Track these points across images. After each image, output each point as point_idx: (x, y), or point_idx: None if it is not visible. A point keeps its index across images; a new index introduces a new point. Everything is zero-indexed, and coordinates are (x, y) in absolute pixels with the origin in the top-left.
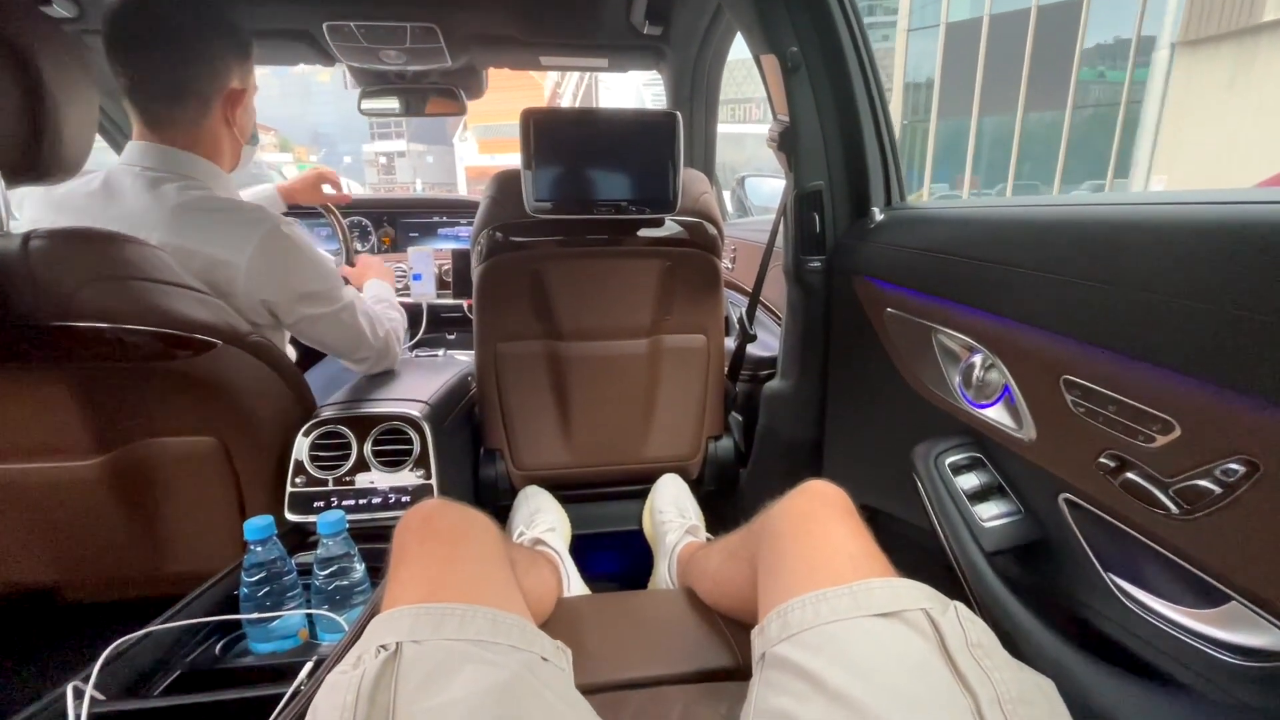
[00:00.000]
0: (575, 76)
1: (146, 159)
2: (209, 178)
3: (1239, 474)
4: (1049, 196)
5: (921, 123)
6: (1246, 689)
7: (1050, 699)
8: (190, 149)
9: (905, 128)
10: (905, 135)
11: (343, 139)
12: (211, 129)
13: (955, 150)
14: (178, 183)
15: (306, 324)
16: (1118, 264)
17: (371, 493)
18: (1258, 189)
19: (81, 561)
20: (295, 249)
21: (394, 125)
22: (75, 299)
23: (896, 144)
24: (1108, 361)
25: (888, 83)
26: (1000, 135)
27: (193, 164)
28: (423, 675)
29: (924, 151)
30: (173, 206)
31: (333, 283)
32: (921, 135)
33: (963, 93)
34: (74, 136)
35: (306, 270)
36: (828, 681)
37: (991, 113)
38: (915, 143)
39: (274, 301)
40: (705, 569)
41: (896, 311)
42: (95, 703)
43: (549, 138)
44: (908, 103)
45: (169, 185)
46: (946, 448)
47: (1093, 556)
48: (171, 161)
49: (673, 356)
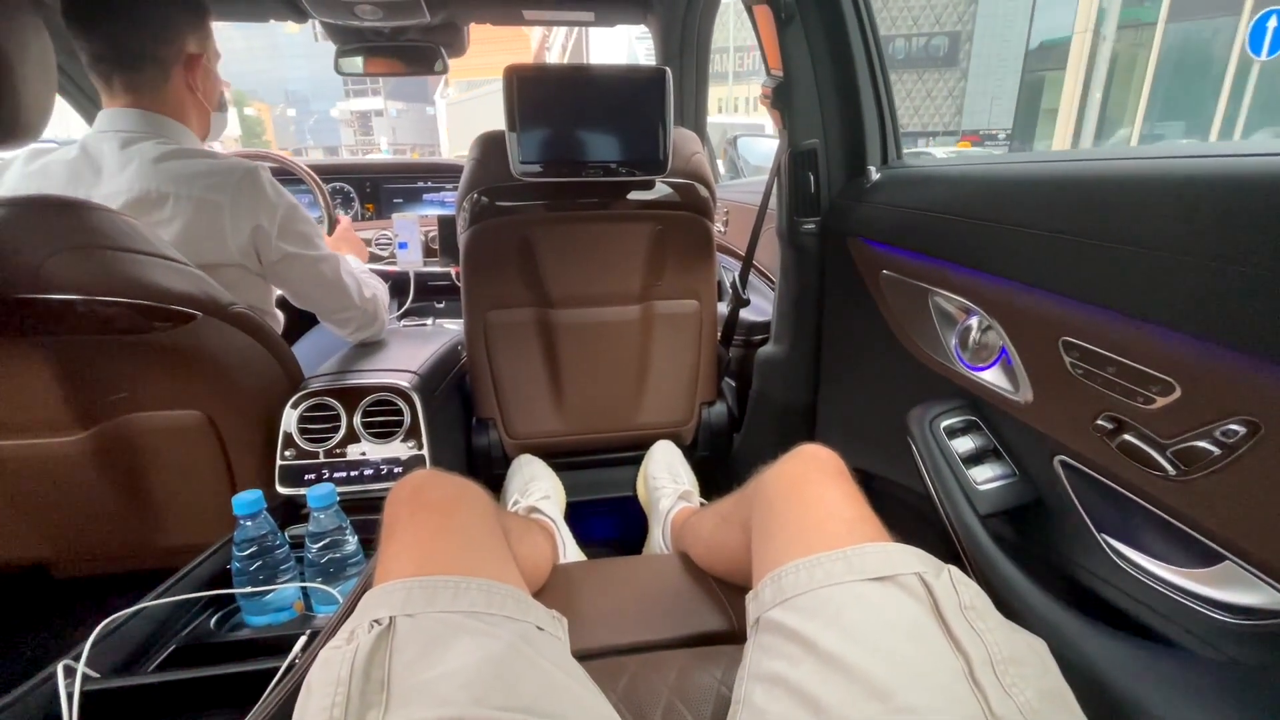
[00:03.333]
0: (563, 29)
1: (118, 123)
2: (181, 136)
3: (1239, 435)
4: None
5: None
6: (1238, 646)
7: (1043, 659)
8: (158, 112)
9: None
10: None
11: (315, 97)
12: (174, 95)
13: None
14: (153, 139)
15: (286, 265)
16: (1118, 221)
17: (363, 464)
18: (1255, 142)
19: (71, 538)
20: (277, 188)
21: (370, 82)
22: (42, 270)
23: (894, 99)
24: (1108, 322)
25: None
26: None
27: (164, 125)
28: (417, 648)
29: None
30: (153, 159)
31: (314, 229)
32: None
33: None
34: (33, 99)
35: (288, 208)
36: (821, 645)
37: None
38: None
39: (262, 229)
40: (699, 534)
41: (892, 274)
42: (88, 680)
43: (534, 97)
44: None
45: (145, 143)
46: (941, 411)
47: (1087, 518)
48: (143, 123)
49: (665, 322)
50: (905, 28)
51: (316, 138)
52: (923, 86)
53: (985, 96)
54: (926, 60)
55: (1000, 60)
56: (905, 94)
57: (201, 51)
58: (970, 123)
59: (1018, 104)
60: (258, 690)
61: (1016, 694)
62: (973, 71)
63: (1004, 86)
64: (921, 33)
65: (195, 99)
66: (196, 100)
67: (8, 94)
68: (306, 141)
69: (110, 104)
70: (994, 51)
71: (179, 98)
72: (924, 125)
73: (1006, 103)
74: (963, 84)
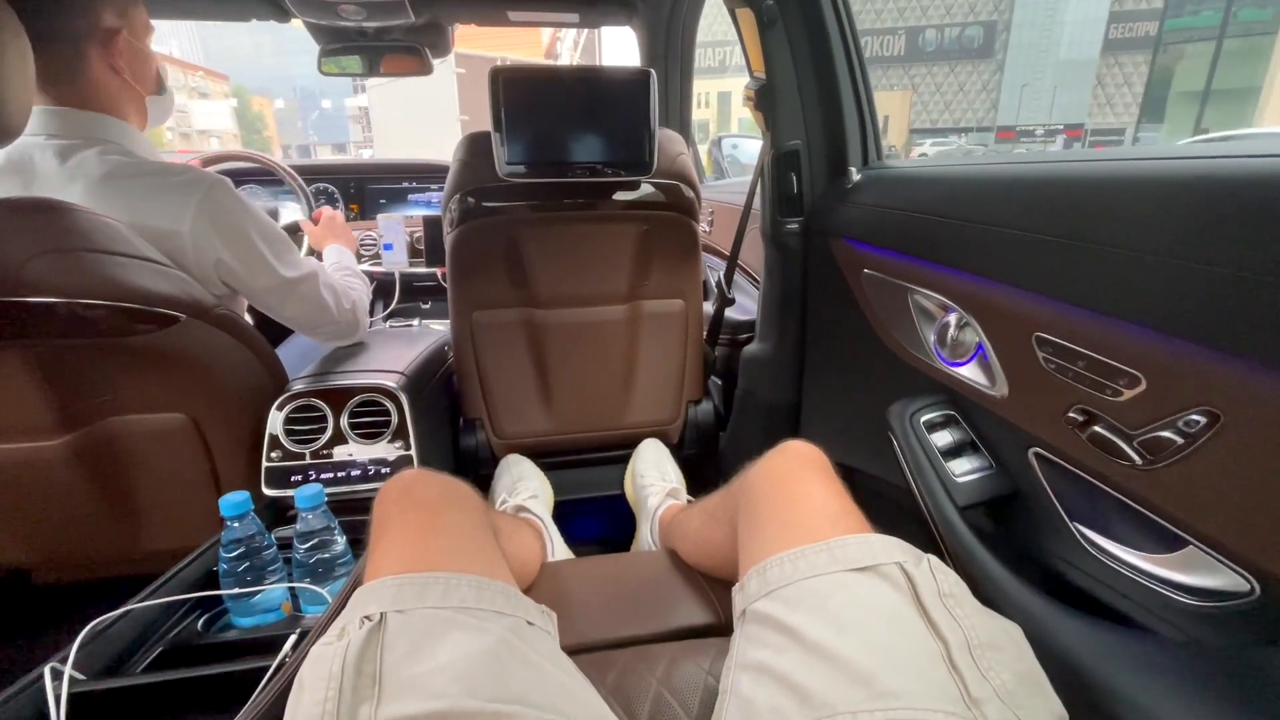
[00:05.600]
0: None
1: (49, 125)
2: (123, 138)
3: (1200, 425)
4: (1024, 155)
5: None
6: (1201, 628)
7: (1017, 643)
8: (85, 106)
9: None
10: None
11: (324, 92)
12: (97, 80)
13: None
14: (93, 148)
15: (264, 294)
16: (1090, 222)
17: (350, 465)
18: (1222, 143)
19: (55, 542)
20: (240, 209)
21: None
22: (23, 273)
23: (874, 101)
24: (1078, 319)
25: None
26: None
27: (101, 125)
28: (409, 643)
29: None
30: (98, 178)
31: (286, 247)
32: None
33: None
34: (10, 98)
35: (255, 231)
36: (805, 634)
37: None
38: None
39: (225, 265)
40: (686, 530)
41: (873, 273)
42: (75, 682)
43: (519, 98)
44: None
45: (85, 152)
46: (921, 406)
47: (1060, 508)
48: (77, 125)
49: (651, 322)
50: (937, 18)
51: (325, 134)
52: (955, 79)
53: (1022, 90)
54: (959, 52)
55: (1040, 51)
56: (935, 87)
57: (121, 25)
58: (1005, 118)
59: (1147, 86)
60: (247, 690)
61: (993, 677)
62: (1009, 64)
63: (1045, 80)
64: (954, 23)
65: (123, 82)
66: (124, 84)
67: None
68: (311, 137)
69: (37, 101)
70: (1034, 42)
71: (103, 83)
72: (955, 120)
73: (1045, 98)
74: (998, 77)
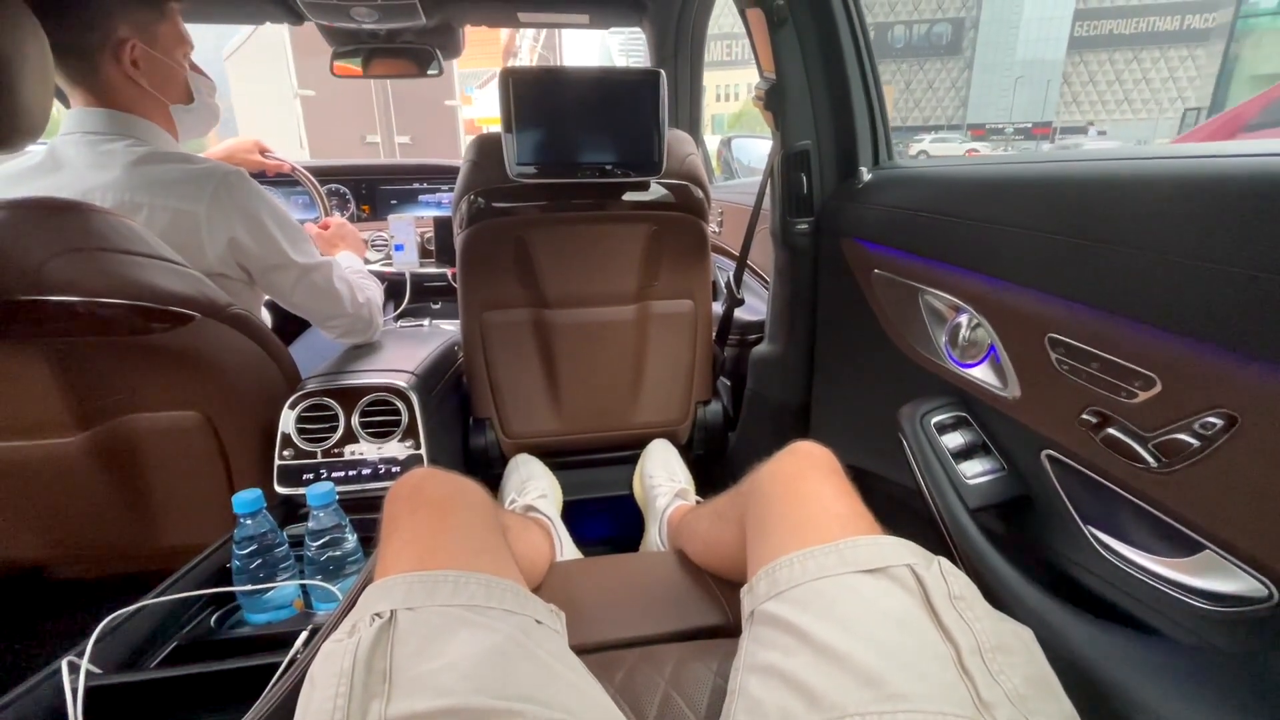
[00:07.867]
0: (530, 31)
1: (86, 124)
2: (152, 137)
3: (1217, 427)
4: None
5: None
6: (1217, 633)
7: (1029, 646)
8: (115, 108)
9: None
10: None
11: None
12: (114, 85)
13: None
14: (124, 141)
15: (272, 276)
16: (1103, 221)
17: (361, 464)
18: (1234, 143)
19: (71, 538)
20: (256, 195)
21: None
22: (43, 272)
23: (885, 100)
24: (1092, 319)
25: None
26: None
27: (133, 124)
28: (418, 641)
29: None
30: (126, 164)
31: (300, 236)
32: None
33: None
34: (31, 101)
35: (270, 216)
36: (814, 635)
37: None
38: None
39: (238, 243)
40: (695, 531)
41: (884, 273)
42: (91, 675)
43: (529, 99)
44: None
45: (116, 144)
46: (932, 408)
47: (1073, 510)
48: (111, 122)
49: (660, 322)
50: (905, 14)
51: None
52: (924, 77)
53: (991, 87)
54: (928, 49)
55: (1007, 49)
56: (904, 85)
57: (133, 37)
58: (975, 115)
59: (1220, 72)
60: (259, 686)
61: (1003, 681)
62: (978, 61)
63: (1010, 76)
64: (923, 19)
65: (142, 90)
66: (144, 91)
67: (5, 96)
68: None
69: (75, 104)
70: (1000, 39)
71: (119, 89)
72: (925, 119)
73: (1010, 97)
74: (967, 74)
